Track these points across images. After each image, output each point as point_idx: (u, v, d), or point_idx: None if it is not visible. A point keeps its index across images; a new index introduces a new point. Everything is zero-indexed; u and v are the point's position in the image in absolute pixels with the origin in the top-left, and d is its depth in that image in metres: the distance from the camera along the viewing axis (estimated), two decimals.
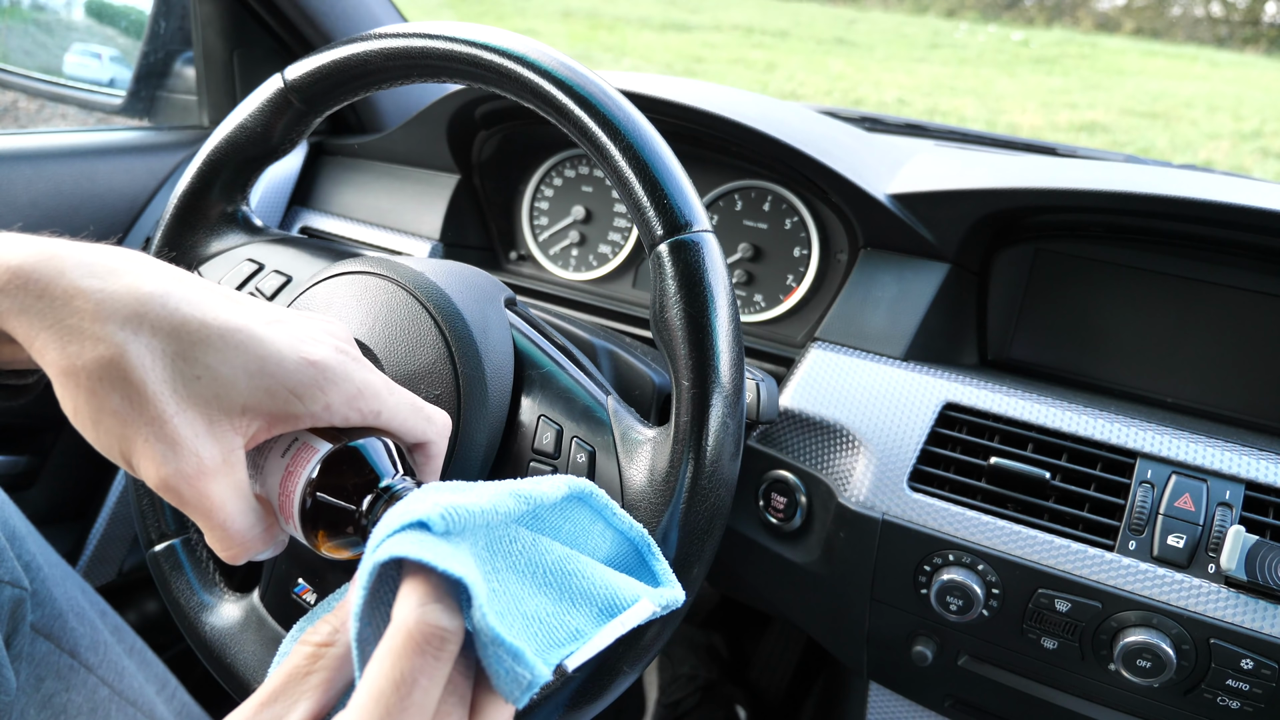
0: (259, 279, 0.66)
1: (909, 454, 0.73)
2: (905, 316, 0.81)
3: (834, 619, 0.80)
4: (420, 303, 0.56)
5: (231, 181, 0.68)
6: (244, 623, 0.62)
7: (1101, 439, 0.70)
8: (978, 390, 0.75)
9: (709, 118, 0.88)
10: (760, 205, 0.96)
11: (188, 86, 1.23)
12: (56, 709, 0.70)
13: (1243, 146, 7.26)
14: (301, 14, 1.11)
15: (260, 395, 0.40)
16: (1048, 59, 12.03)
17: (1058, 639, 0.67)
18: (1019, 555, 0.67)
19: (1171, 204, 0.76)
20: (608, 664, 0.53)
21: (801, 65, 9.97)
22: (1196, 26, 16.69)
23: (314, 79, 0.62)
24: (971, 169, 0.88)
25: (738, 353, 0.51)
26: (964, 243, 0.83)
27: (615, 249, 1.04)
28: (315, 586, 0.61)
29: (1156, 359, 0.82)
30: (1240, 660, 0.61)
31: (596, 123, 0.52)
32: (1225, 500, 0.65)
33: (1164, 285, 0.81)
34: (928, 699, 0.81)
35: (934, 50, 12.39)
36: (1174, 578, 0.63)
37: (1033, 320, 0.86)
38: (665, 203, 0.51)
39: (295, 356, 0.41)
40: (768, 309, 0.95)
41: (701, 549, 0.51)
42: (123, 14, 1.33)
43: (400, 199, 1.09)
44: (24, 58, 1.34)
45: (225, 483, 0.40)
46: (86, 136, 1.13)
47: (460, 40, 0.55)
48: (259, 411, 0.41)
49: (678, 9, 14.02)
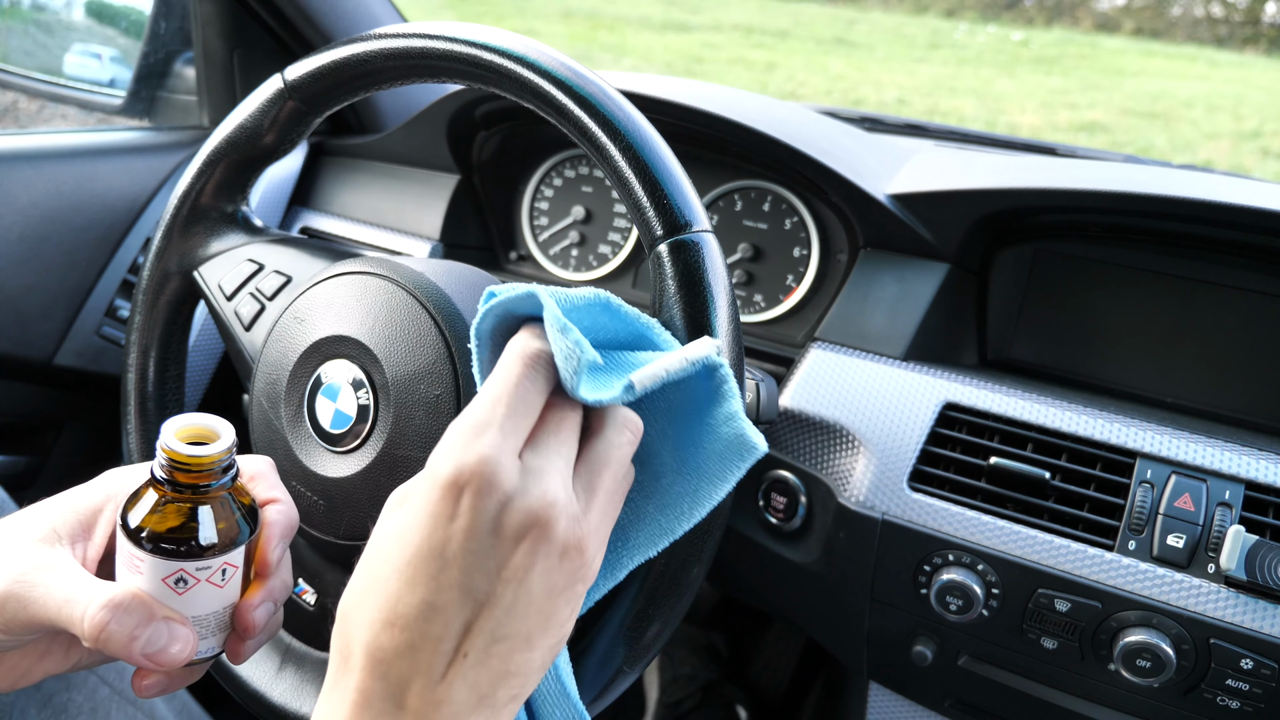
0: (259, 279, 0.66)
1: (909, 454, 0.73)
2: (905, 316, 0.81)
3: (834, 619, 0.80)
4: (420, 303, 0.56)
5: (231, 182, 0.68)
6: None
7: (1101, 439, 0.70)
8: (978, 390, 0.75)
9: (709, 118, 0.88)
10: (760, 205, 0.96)
11: (188, 86, 1.23)
12: (57, 708, 0.70)
13: (1243, 146, 7.26)
14: (301, 14, 1.11)
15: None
16: (1048, 59, 12.03)
17: (1058, 639, 0.67)
18: (1019, 555, 0.67)
19: (1171, 204, 0.76)
20: (608, 664, 0.53)
21: (801, 65, 9.97)
22: (1196, 26, 16.69)
23: (314, 79, 0.62)
24: (971, 169, 0.88)
25: (738, 353, 0.51)
26: (964, 243, 0.83)
27: (615, 249, 1.04)
28: (315, 587, 0.62)
29: (1156, 359, 0.82)
30: (1240, 660, 0.61)
31: (596, 123, 0.52)
32: (1225, 500, 0.65)
33: (1164, 285, 0.81)
34: (928, 699, 0.81)
35: (934, 50, 12.39)
36: (1174, 578, 0.64)
37: (1033, 320, 0.86)
38: (665, 203, 0.51)
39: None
40: (768, 309, 0.95)
41: (701, 549, 0.51)
42: (123, 14, 1.33)
43: (400, 199, 1.09)
44: (24, 58, 1.35)
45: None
46: (86, 137, 1.13)
47: (460, 40, 0.55)
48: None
49: (678, 9, 14.02)
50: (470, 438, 0.40)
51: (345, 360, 0.56)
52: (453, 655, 0.39)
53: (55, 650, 0.47)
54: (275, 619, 0.48)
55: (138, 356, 0.70)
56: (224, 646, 0.47)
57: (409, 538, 0.40)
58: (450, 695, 0.38)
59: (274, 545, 0.46)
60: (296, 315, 0.60)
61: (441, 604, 0.39)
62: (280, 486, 0.49)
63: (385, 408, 0.54)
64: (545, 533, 0.39)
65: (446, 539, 0.39)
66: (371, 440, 0.55)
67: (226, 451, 0.43)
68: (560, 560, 0.40)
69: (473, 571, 0.39)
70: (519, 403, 0.41)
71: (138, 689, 0.45)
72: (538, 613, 0.40)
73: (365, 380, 0.55)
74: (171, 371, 0.72)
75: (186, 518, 0.43)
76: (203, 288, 0.68)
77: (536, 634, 0.40)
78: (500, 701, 0.40)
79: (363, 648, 0.39)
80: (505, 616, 0.39)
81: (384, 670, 0.39)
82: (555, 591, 0.40)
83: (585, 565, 0.41)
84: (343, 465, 0.56)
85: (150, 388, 0.70)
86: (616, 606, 0.52)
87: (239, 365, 0.67)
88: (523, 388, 0.42)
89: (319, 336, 0.58)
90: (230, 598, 0.45)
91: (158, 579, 0.43)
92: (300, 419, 0.58)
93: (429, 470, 0.40)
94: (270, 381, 0.60)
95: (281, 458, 0.58)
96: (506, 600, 0.39)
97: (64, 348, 1.06)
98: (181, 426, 0.44)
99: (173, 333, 0.71)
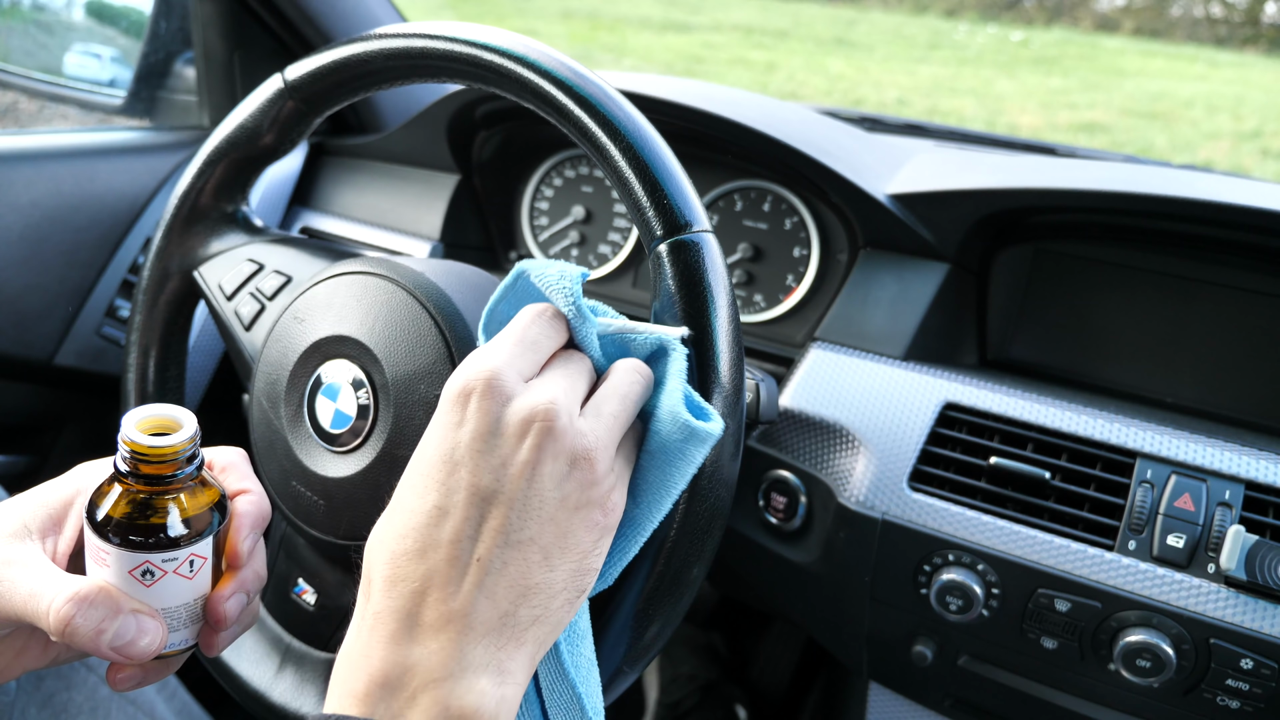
0: (259, 279, 0.66)
1: (909, 454, 0.73)
2: (905, 316, 0.81)
3: (834, 619, 0.80)
4: (420, 303, 0.56)
5: (231, 181, 0.68)
6: None
7: (1101, 439, 0.70)
8: (978, 390, 0.75)
9: (709, 118, 0.88)
10: (760, 205, 0.96)
11: (188, 86, 1.23)
12: (57, 708, 0.70)
13: (1243, 146, 7.25)
14: (301, 14, 1.11)
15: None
16: (1048, 59, 12.02)
17: (1057, 639, 0.67)
18: (1019, 555, 0.67)
19: (1171, 204, 0.76)
20: (608, 663, 0.53)
21: (801, 65, 9.97)
22: (1196, 26, 16.68)
23: (314, 79, 0.62)
24: (971, 169, 0.88)
25: (738, 353, 0.51)
26: (964, 243, 0.83)
27: (615, 249, 1.04)
28: (315, 586, 0.62)
29: (1156, 359, 0.82)
30: (1240, 660, 0.61)
31: (596, 123, 0.52)
32: (1225, 500, 0.65)
33: (1164, 285, 0.81)
34: (928, 699, 0.81)
35: (934, 50, 12.39)
36: (1174, 578, 0.64)
37: (1033, 320, 0.86)
38: (665, 203, 0.51)
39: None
40: (768, 309, 0.95)
41: (701, 549, 0.51)
42: (123, 14, 1.33)
43: (400, 199, 1.09)
44: (24, 58, 1.34)
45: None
46: (87, 136, 1.13)
47: (460, 40, 0.55)
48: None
49: (678, 9, 14.02)
50: (478, 359, 0.42)
51: (345, 360, 0.56)
52: (468, 562, 0.38)
53: (33, 646, 0.47)
54: (250, 610, 0.47)
55: (138, 356, 0.70)
56: (198, 639, 0.46)
57: (421, 452, 0.41)
58: (469, 608, 0.38)
59: (244, 536, 0.46)
60: (296, 315, 0.60)
61: (451, 506, 0.39)
62: (252, 478, 0.49)
63: (385, 408, 0.54)
64: (548, 427, 0.40)
65: (455, 444, 0.40)
66: (371, 440, 0.55)
67: (189, 442, 0.43)
68: (570, 469, 0.40)
69: (480, 470, 0.39)
70: (528, 342, 0.44)
71: (112, 683, 0.45)
72: (551, 522, 0.40)
73: (365, 380, 0.55)
74: (171, 371, 0.72)
75: (151, 509, 0.42)
76: (203, 288, 0.68)
77: (554, 549, 0.40)
78: (522, 622, 0.39)
79: (379, 571, 0.39)
80: (518, 518, 0.39)
81: (399, 587, 0.38)
82: (569, 504, 0.40)
83: (598, 484, 0.41)
84: (343, 465, 0.56)
85: (150, 388, 0.70)
86: (616, 606, 0.52)
87: (239, 365, 0.67)
88: (531, 332, 0.44)
89: (319, 336, 0.58)
90: (200, 589, 0.45)
91: (124, 571, 0.42)
92: (300, 419, 0.58)
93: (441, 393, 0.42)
94: (270, 381, 0.60)
95: (281, 457, 0.58)
96: (518, 498, 0.39)
97: (64, 348, 1.06)
98: (143, 418, 0.43)
99: (173, 333, 0.71)
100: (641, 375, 0.45)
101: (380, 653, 0.38)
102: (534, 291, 0.48)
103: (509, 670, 0.38)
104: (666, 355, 0.47)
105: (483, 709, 0.37)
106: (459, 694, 0.37)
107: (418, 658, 0.37)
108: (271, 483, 0.59)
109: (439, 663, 0.37)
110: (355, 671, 0.38)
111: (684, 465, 0.45)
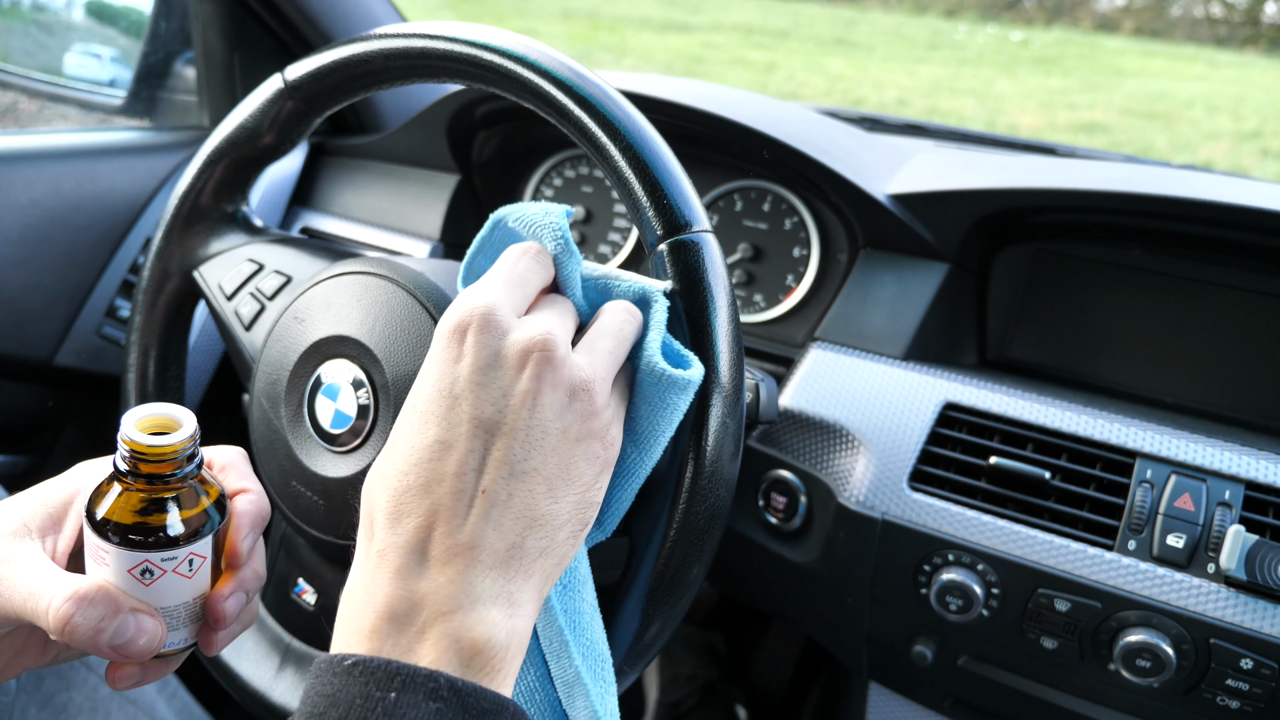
0: (259, 279, 0.66)
1: (909, 454, 0.73)
2: (905, 316, 0.81)
3: (834, 619, 0.80)
4: (420, 303, 0.56)
5: (231, 181, 0.68)
6: None
7: (1101, 439, 0.70)
8: (977, 390, 0.75)
9: (709, 118, 0.88)
10: (760, 205, 0.96)
11: (188, 86, 1.23)
12: (57, 708, 0.70)
13: (1243, 146, 7.25)
14: (301, 14, 1.11)
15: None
16: (1047, 59, 12.02)
17: (1057, 639, 0.67)
18: (1019, 555, 0.67)
19: (1171, 204, 0.76)
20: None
21: (801, 65, 9.96)
22: (1196, 26, 16.68)
23: (314, 79, 0.62)
24: (971, 169, 0.88)
25: (738, 353, 0.51)
26: (964, 243, 0.83)
27: (615, 249, 1.04)
28: (315, 586, 0.62)
29: (1156, 359, 0.82)
30: (1240, 660, 0.61)
31: (596, 123, 0.52)
32: (1225, 500, 0.65)
33: (1164, 285, 0.81)
34: (928, 699, 0.81)
35: (934, 51, 12.39)
36: (1174, 577, 0.64)
37: (1032, 320, 0.86)
38: (665, 203, 0.51)
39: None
40: (768, 309, 0.95)
41: (701, 549, 0.51)
42: (123, 14, 1.33)
43: (400, 199, 1.09)
44: (24, 58, 1.35)
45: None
46: (87, 136, 1.13)
47: (460, 40, 0.55)
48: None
49: (678, 9, 14.02)
50: (470, 296, 0.42)
51: (345, 360, 0.56)
52: (473, 494, 0.38)
53: (32, 645, 0.47)
54: (249, 610, 0.47)
55: (138, 356, 0.70)
56: (197, 638, 0.46)
57: (418, 390, 0.41)
58: (476, 539, 0.38)
59: (244, 535, 0.46)
60: (296, 315, 0.60)
61: (454, 439, 0.39)
62: (251, 477, 0.49)
63: (385, 408, 0.54)
64: (546, 356, 0.40)
65: (454, 379, 0.40)
66: (371, 440, 0.55)
67: (188, 441, 0.43)
68: (570, 400, 0.41)
69: (482, 402, 0.39)
70: (515, 278, 0.44)
71: (111, 682, 0.45)
72: (554, 452, 0.40)
73: (365, 380, 0.55)
74: (171, 371, 0.72)
75: (150, 508, 0.42)
76: (203, 288, 0.68)
77: (557, 480, 0.40)
78: (530, 553, 0.39)
79: (381, 508, 0.39)
80: (521, 448, 0.39)
81: (404, 522, 0.38)
82: (571, 435, 0.41)
83: (597, 414, 0.42)
84: (343, 465, 0.56)
85: (150, 388, 0.70)
86: (616, 606, 0.52)
87: (239, 365, 0.67)
88: (519, 268, 0.45)
89: (319, 336, 0.58)
90: (199, 588, 0.45)
91: (123, 570, 0.42)
92: (300, 419, 0.58)
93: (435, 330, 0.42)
94: (270, 381, 0.60)
95: (281, 457, 0.58)
96: (520, 428, 0.39)
97: (64, 348, 1.06)
98: (142, 417, 0.43)
99: (173, 333, 0.71)
100: (633, 316, 0.46)
101: (387, 588, 0.37)
102: (514, 238, 0.49)
103: (519, 602, 0.38)
104: (649, 306, 0.48)
105: (494, 639, 0.37)
106: (470, 625, 0.36)
107: (426, 591, 0.37)
108: (271, 482, 0.59)
109: (448, 595, 0.37)
110: (361, 609, 0.38)
111: (668, 413, 0.46)
